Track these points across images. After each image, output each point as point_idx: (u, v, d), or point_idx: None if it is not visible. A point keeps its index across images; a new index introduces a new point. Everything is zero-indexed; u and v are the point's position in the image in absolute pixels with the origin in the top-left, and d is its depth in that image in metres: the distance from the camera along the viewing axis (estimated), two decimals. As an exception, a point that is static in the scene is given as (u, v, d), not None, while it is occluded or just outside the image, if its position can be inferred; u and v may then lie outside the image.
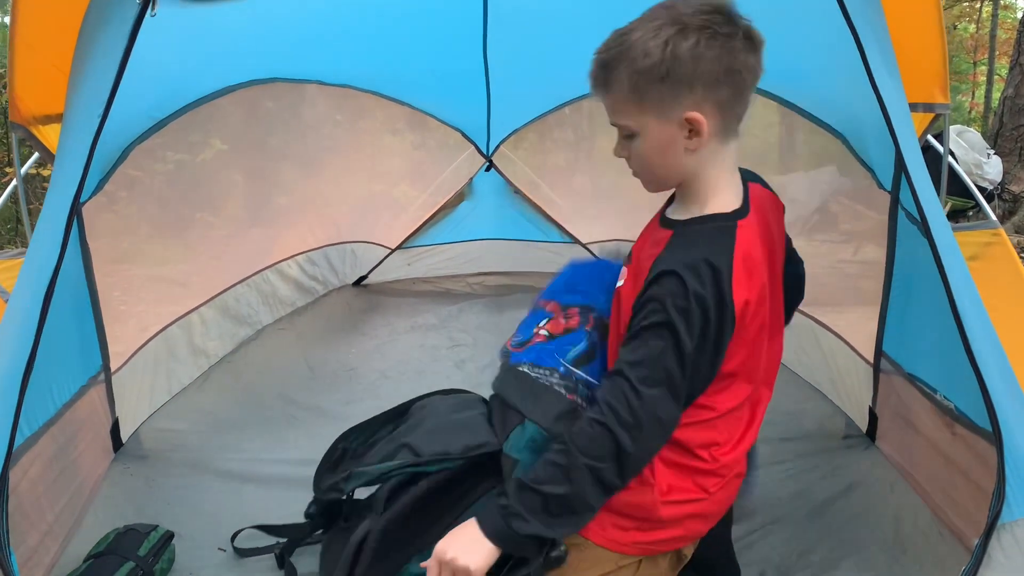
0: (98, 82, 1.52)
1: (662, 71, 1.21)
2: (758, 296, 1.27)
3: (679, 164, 1.30)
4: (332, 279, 3.94)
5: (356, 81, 3.55)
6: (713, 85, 1.22)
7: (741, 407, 1.39)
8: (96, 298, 2.18)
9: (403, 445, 1.50)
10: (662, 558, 1.47)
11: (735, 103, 1.26)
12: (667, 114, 1.25)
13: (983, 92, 12.08)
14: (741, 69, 1.23)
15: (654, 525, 1.38)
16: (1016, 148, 5.85)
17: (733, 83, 1.24)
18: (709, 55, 1.20)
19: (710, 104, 1.24)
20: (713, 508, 1.43)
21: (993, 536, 1.32)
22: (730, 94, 1.24)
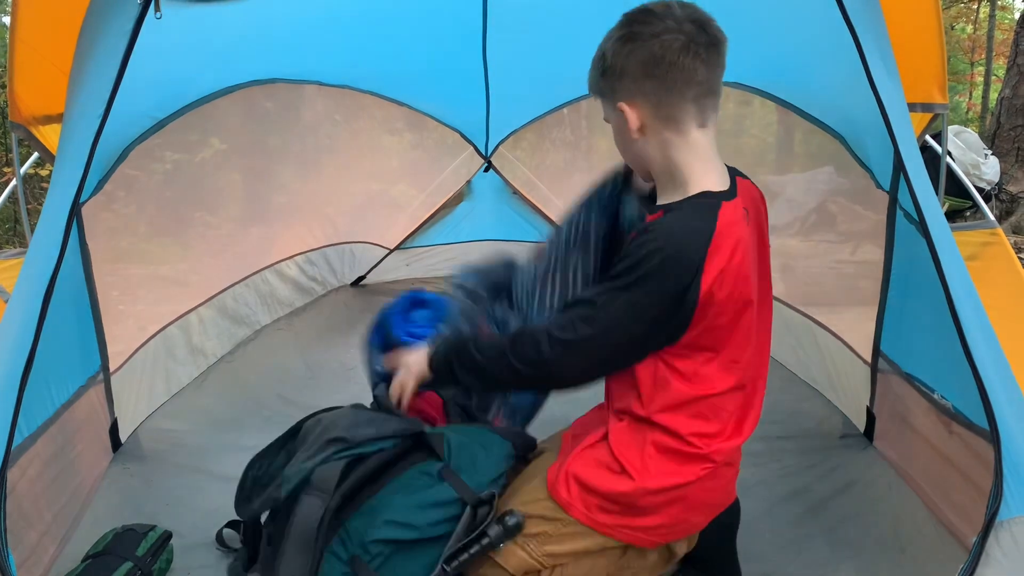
0: (99, 82, 1.52)
1: (602, 67, 1.41)
2: (736, 271, 1.31)
3: (636, 150, 1.43)
4: (331, 279, 3.94)
5: (355, 81, 3.56)
6: (637, 77, 1.35)
7: (732, 395, 1.41)
8: (95, 298, 2.18)
9: (331, 440, 1.53)
10: (650, 551, 1.48)
11: (667, 96, 1.35)
12: (611, 105, 1.42)
13: (980, 93, 12.10)
14: (666, 65, 1.33)
15: (638, 512, 1.41)
16: (1013, 148, 5.87)
17: (658, 77, 1.34)
18: (632, 49, 1.35)
19: (638, 95, 1.37)
20: (701, 497, 1.44)
21: (991, 534, 1.33)
22: (656, 87, 1.35)
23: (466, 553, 1.44)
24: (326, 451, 1.51)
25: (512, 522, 1.45)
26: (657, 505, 1.41)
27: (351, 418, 1.63)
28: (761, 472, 2.20)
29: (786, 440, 2.39)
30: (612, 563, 1.49)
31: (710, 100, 1.38)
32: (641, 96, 1.36)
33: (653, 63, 1.33)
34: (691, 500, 1.43)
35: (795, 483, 2.16)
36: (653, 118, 1.37)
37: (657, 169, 1.43)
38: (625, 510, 1.42)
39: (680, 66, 1.32)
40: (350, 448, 1.51)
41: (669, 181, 1.42)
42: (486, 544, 1.44)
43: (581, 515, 1.44)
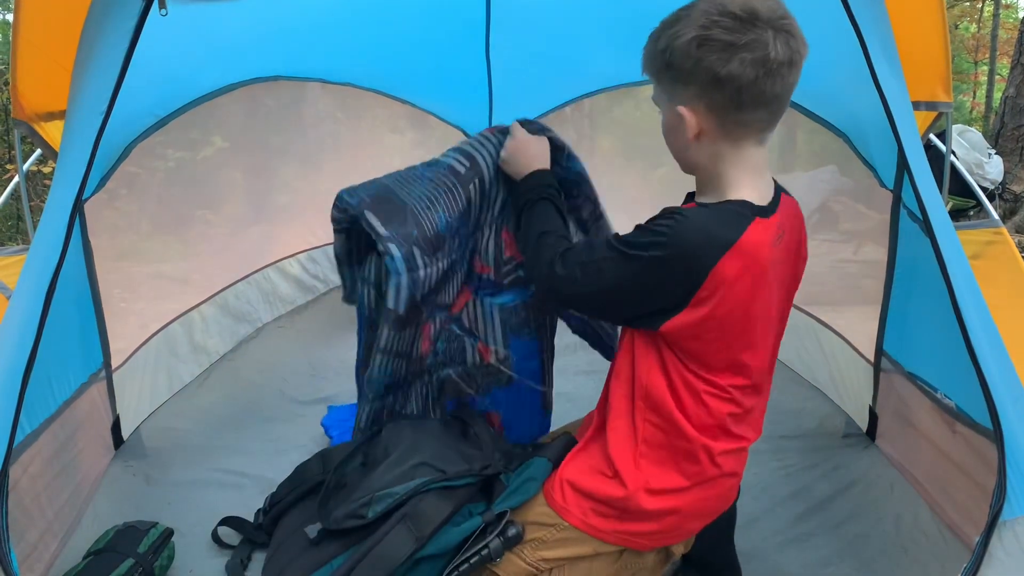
0: (101, 79, 1.52)
1: (667, 59, 1.28)
2: (741, 293, 1.28)
3: (686, 152, 1.37)
4: (333, 277, 3.93)
5: (357, 79, 3.55)
6: (706, 87, 1.26)
7: (732, 406, 1.39)
8: (97, 295, 2.18)
9: (419, 465, 1.60)
10: (647, 553, 1.48)
11: (732, 111, 1.27)
12: (671, 101, 1.33)
13: (984, 92, 12.08)
14: (734, 80, 1.23)
15: (633, 516, 1.40)
16: (1017, 148, 5.85)
17: (726, 91, 1.25)
18: (701, 57, 1.23)
19: (703, 104, 1.28)
20: (696, 506, 1.43)
21: (994, 534, 1.32)
22: (724, 100, 1.26)
23: (466, 564, 1.46)
24: (416, 477, 1.57)
25: (512, 533, 1.47)
26: (650, 512, 1.40)
27: (439, 444, 1.69)
28: (763, 471, 2.20)
29: (788, 439, 2.39)
30: (608, 566, 1.49)
31: (776, 118, 1.33)
32: (706, 107, 1.28)
33: (728, 79, 1.23)
34: (687, 509, 1.43)
35: (797, 482, 2.15)
36: (713, 129, 1.30)
37: (701, 173, 1.39)
38: (621, 515, 1.41)
39: (756, 86, 1.25)
40: (445, 481, 1.56)
41: (708, 184, 1.38)
42: (485, 555, 1.47)
43: (576, 520, 1.44)
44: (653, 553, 1.51)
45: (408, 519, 1.50)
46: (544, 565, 1.48)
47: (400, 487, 1.55)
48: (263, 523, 1.87)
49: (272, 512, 1.86)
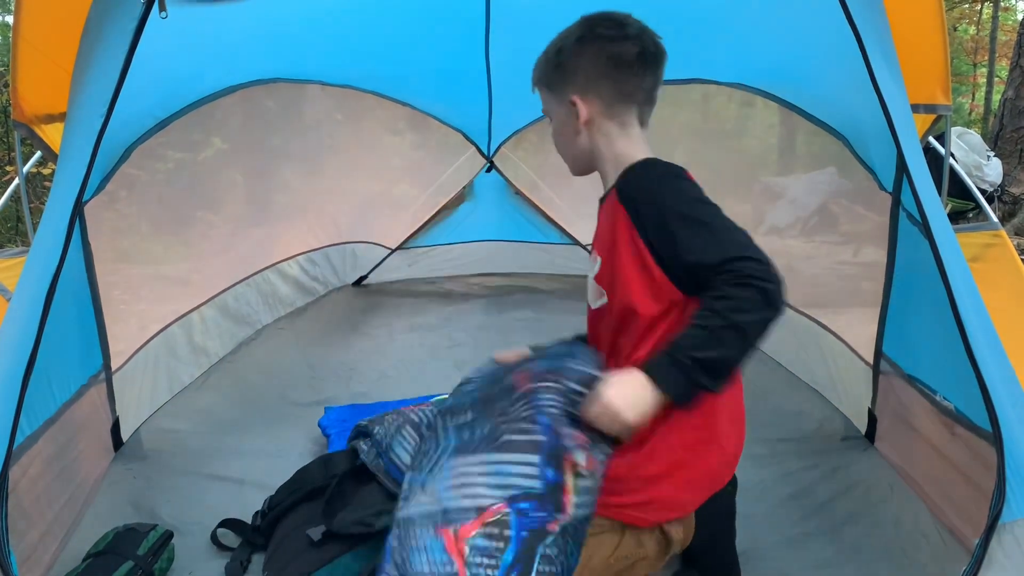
0: (102, 82, 1.52)
1: (557, 59, 1.50)
2: None
3: (577, 142, 1.52)
4: (332, 279, 3.94)
5: (357, 81, 3.56)
6: (592, 77, 1.47)
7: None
8: (97, 297, 2.18)
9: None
10: (647, 536, 1.46)
11: (618, 97, 1.47)
12: (560, 97, 1.51)
13: (983, 94, 12.09)
14: (623, 69, 1.46)
15: (625, 486, 1.39)
16: (1016, 150, 5.85)
17: (612, 79, 1.46)
18: (589, 51, 1.47)
19: (592, 93, 1.47)
20: (688, 475, 1.42)
21: (993, 536, 1.32)
22: (610, 87, 1.47)
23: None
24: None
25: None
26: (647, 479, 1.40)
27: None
28: (762, 473, 2.20)
29: (787, 442, 2.39)
30: (608, 551, 1.47)
31: (648, 107, 1.52)
32: (594, 93, 1.47)
33: (612, 65, 1.45)
34: (681, 476, 1.41)
35: (796, 484, 2.15)
36: (601, 114, 1.47)
37: (602, 159, 1.51)
38: (613, 486, 1.39)
39: (633, 72, 1.46)
40: None
41: (613, 168, 1.49)
42: None
43: None
44: (653, 540, 1.50)
45: None
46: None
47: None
48: (261, 525, 1.87)
49: (270, 515, 1.86)
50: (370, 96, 3.68)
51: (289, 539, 1.73)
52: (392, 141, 4.21)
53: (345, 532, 1.60)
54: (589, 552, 1.45)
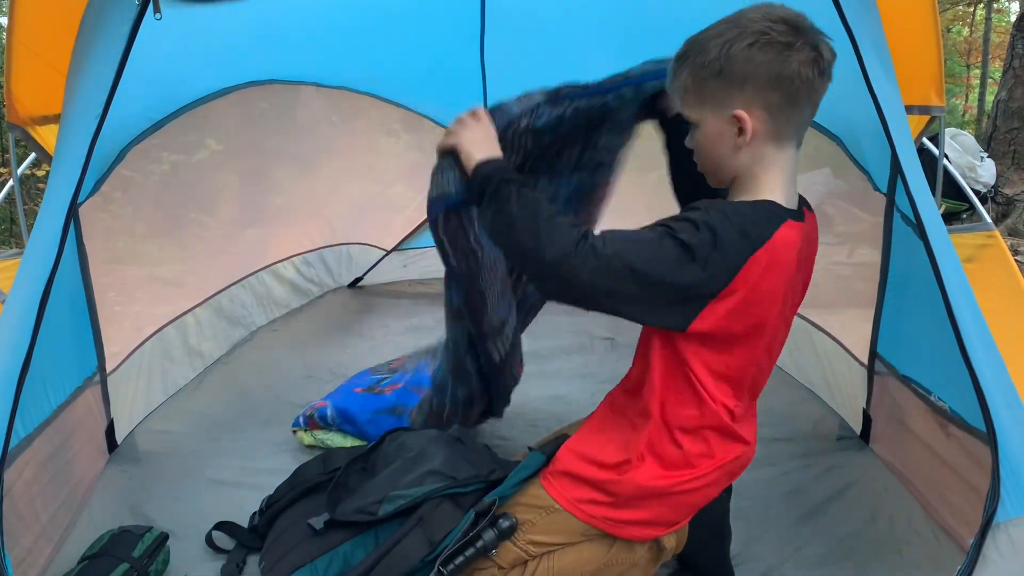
0: (96, 83, 1.52)
1: (716, 68, 1.30)
2: (779, 285, 1.31)
3: (730, 159, 1.36)
4: (327, 280, 3.93)
5: (352, 82, 3.55)
6: (763, 88, 1.28)
7: (727, 411, 1.40)
8: (92, 299, 2.17)
9: (431, 472, 1.67)
10: (639, 545, 1.48)
11: (786, 109, 1.31)
12: (720, 109, 1.32)
13: (977, 96, 12.14)
14: (793, 78, 1.27)
15: (621, 504, 1.42)
16: (1009, 151, 5.87)
17: (784, 89, 1.28)
18: (761, 59, 1.27)
19: (759, 106, 1.30)
20: (687, 500, 1.44)
21: (988, 536, 1.33)
22: (780, 99, 1.30)
23: (462, 556, 1.46)
24: (429, 484, 1.63)
25: (505, 525, 1.48)
26: (641, 500, 1.42)
27: (447, 451, 1.75)
28: (757, 474, 2.20)
29: (782, 442, 2.40)
30: (599, 556, 1.48)
31: (811, 120, 1.39)
32: (762, 107, 1.30)
33: (787, 77, 1.27)
34: (675, 502, 1.43)
35: (791, 485, 2.16)
36: (766, 130, 1.32)
37: (737, 179, 1.38)
38: (610, 501, 1.43)
39: (809, 83, 1.29)
40: (456, 487, 1.61)
41: (741, 189, 1.37)
42: (480, 547, 1.47)
43: (566, 503, 1.46)
44: (645, 547, 1.51)
45: (424, 523, 1.55)
46: (534, 550, 1.48)
47: (413, 490, 1.61)
48: (258, 524, 1.87)
49: (268, 512, 1.86)
50: (365, 97, 3.68)
51: (288, 532, 1.75)
52: (387, 142, 4.21)
53: (347, 520, 1.63)
54: (577, 556, 1.47)
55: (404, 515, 1.61)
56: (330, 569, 1.61)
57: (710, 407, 1.37)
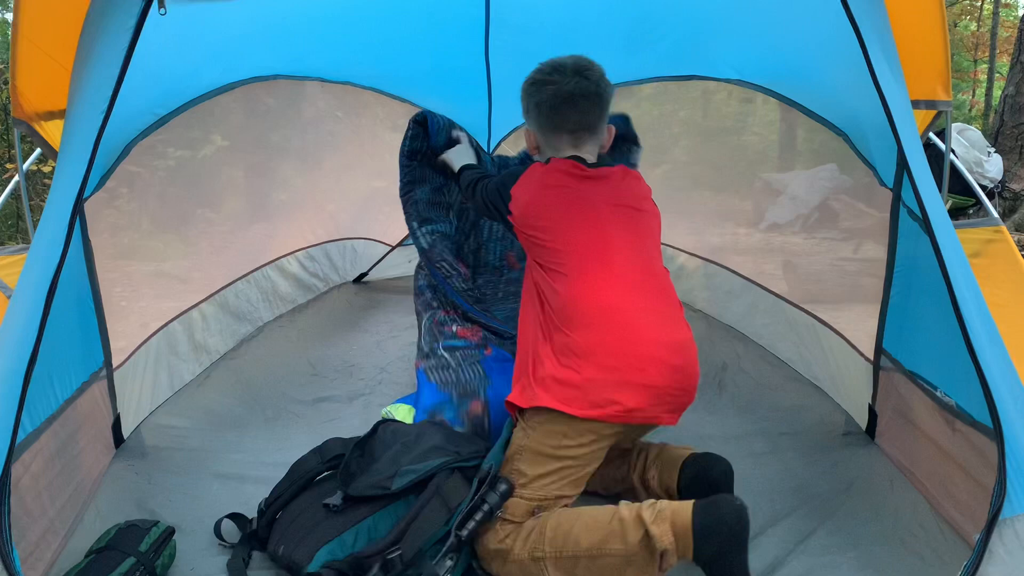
0: (101, 79, 1.52)
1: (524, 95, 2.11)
2: (533, 196, 1.98)
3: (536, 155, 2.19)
4: (332, 276, 3.94)
5: (357, 78, 3.56)
6: (533, 116, 2.09)
7: (582, 307, 1.82)
8: (98, 294, 2.18)
9: (434, 448, 1.85)
10: (584, 444, 1.77)
11: (551, 131, 2.07)
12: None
13: (984, 90, 12.09)
14: (548, 111, 2.04)
15: (555, 382, 1.79)
16: (1016, 146, 5.85)
17: (546, 117, 2.05)
18: (529, 94, 2.08)
19: (534, 127, 2.11)
20: (600, 375, 1.76)
21: (994, 531, 1.33)
22: (544, 123, 2.07)
23: (472, 520, 1.67)
24: (434, 458, 1.80)
25: (503, 488, 1.71)
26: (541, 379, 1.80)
27: (443, 433, 2.00)
28: (763, 469, 2.21)
29: (788, 437, 2.40)
30: (552, 438, 1.76)
31: (586, 135, 2.05)
32: (536, 127, 2.10)
33: (544, 107, 2.04)
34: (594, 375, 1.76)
35: (797, 480, 2.16)
36: (542, 142, 2.11)
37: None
38: (544, 383, 1.79)
39: (559, 112, 2.02)
40: (460, 461, 1.81)
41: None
42: (487, 510, 1.68)
43: (524, 402, 1.82)
44: (588, 433, 1.76)
45: (441, 492, 1.69)
46: (530, 493, 1.75)
47: (422, 465, 1.76)
48: (257, 528, 1.87)
49: (269, 512, 1.86)
50: (369, 93, 3.68)
51: (304, 515, 1.78)
52: (392, 138, 4.20)
53: (362, 495, 1.73)
54: (540, 446, 1.78)
55: (416, 488, 1.75)
56: (357, 542, 1.68)
57: (555, 296, 1.90)
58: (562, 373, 1.77)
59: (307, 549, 1.67)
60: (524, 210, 1.98)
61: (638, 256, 1.93)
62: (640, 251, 1.95)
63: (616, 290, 1.85)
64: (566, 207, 1.94)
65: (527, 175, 2.03)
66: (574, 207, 1.94)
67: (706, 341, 3.21)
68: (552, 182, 1.98)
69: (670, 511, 1.59)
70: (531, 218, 1.96)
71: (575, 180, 1.99)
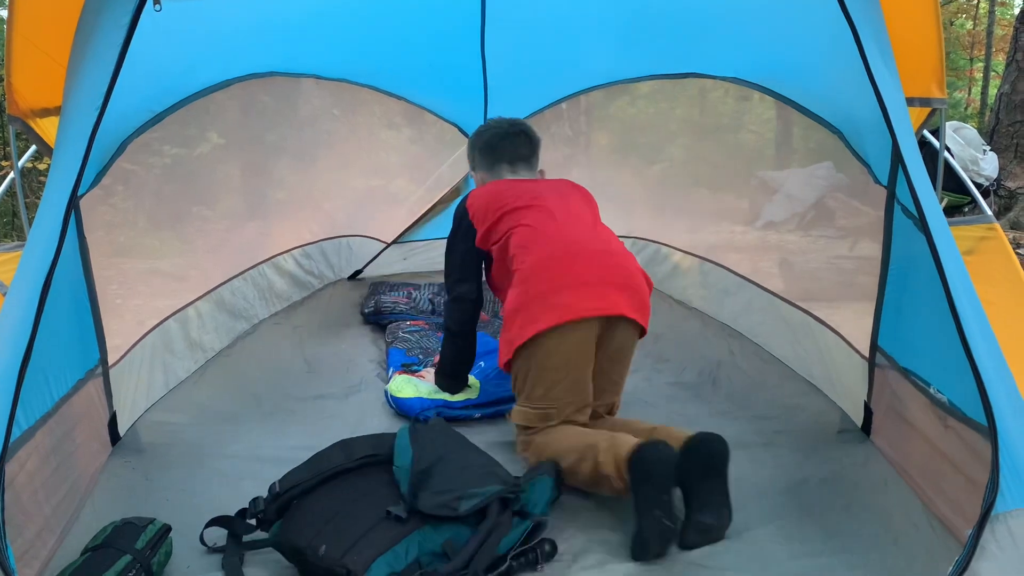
0: (96, 76, 1.52)
1: (468, 152, 2.74)
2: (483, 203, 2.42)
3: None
4: (328, 273, 3.94)
5: (353, 75, 3.55)
6: (477, 156, 2.68)
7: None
8: (93, 291, 2.18)
9: (491, 474, 1.93)
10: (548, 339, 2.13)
11: (490, 163, 2.63)
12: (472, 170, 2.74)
13: (980, 89, 12.11)
14: (488, 148, 2.63)
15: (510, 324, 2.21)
16: (1012, 144, 5.87)
17: (486, 153, 2.64)
18: (473, 142, 2.69)
19: (480, 166, 2.67)
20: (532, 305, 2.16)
21: (987, 527, 1.33)
22: (485, 158, 2.64)
23: (524, 557, 1.76)
24: (491, 484, 1.84)
25: (548, 548, 1.80)
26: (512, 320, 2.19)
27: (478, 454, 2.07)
28: (757, 466, 2.21)
29: (783, 434, 2.40)
30: (534, 360, 2.14)
31: (521, 163, 2.62)
32: (480, 165, 2.66)
33: (484, 147, 2.64)
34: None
35: (791, 477, 2.16)
36: (485, 173, 2.64)
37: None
38: (508, 329, 2.21)
39: (496, 148, 2.62)
40: (508, 491, 1.84)
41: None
42: (532, 558, 1.76)
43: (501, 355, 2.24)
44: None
45: (497, 528, 1.76)
46: (523, 393, 2.21)
47: (481, 490, 1.80)
48: (265, 510, 1.86)
49: (288, 493, 1.86)
50: (365, 90, 3.68)
51: (348, 517, 1.78)
52: (388, 135, 4.22)
53: (431, 513, 1.75)
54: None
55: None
56: (408, 554, 1.70)
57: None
58: (514, 303, 2.18)
59: (361, 557, 1.67)
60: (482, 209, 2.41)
61: (578, 218, 2.37)
62: (578, 215, 2.39)
63: (553, 230, 2.28)
64: (512, 191, 2.44)
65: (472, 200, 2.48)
66: (518, 189, 2.45)
67: (701, 338, 3.21)
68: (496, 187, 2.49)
69: (619, 445, 1.92)
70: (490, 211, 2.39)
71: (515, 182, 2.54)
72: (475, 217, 2.41)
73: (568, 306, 2.12)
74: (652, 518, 1.78)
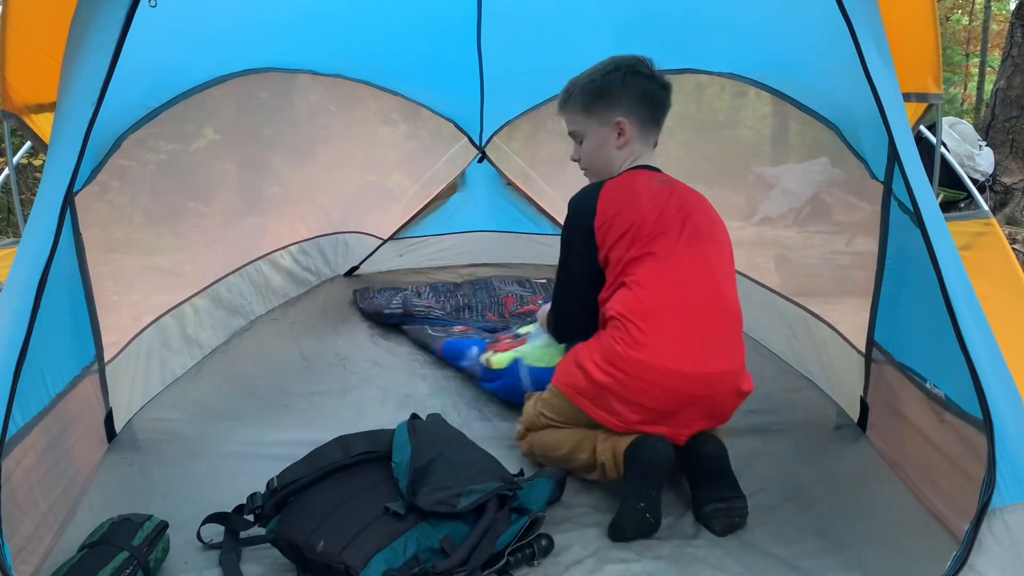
0: (91, 71, 1.51)
1: (597, 89, 2.03)
2: (615, 212, 1.95)
3: (607, 154, 2.08)
4: (324, 269, 3.93)
5: (349, 71, 3.54)
6: (635, 105, 2.03)
7: (634, 314, 1.90)
8: (89, 288, 2.17)
9: (486, 472, 1.90)
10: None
11: (649, 121, 2.06)
12: (601, 120, 2.05)
13: (976, 84, 12.12)
14: (653, 98, 2.04)
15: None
16: (1008, 140, 5.88)
17: (650, 108, 2.05)
18: (633, 83, 2.02)
19: (632, 116, 2.02)
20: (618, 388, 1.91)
21: (984, 522, 1.33)
22: (648, 113, 2.05)
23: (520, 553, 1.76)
24: (488, 480, 1.83)
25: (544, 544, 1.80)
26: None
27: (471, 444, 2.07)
28: (754, 462, 2.21)
29: (779, 430, 2.40)
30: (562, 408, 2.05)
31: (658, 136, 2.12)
32: (634, 116, 2.03)
33: (651, 97, 2.04)
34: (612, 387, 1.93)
35: (788, 473, 2.17)
36: (636, 134, 2.05)
37: (605, 170, 2.09)
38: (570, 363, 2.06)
39: (664, 104, 2.07)
40: (506, 488, 1.83)
41: (602, 175, 2.09)
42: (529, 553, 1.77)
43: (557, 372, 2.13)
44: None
45: (495, 526, 1.75)
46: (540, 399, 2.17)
47: (480, 487, 1.79)
48: (263, 506, 1.86)
49: (287, 489, 1.86)
50: (361, 86, 3.67)
51: (346, 512, 1.78)
52: (384, 131, 4.21)
53: (430, 510, 1.74)
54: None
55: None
56: (407, 550, 1.70)
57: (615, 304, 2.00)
58: (606, 369, 1.92)
59: (359, 553, 1.66)
60: (609, 220, 1.98)
61: (706, 287, 2.02)
62: (707, 277, 2.02)
63: (671, 313, 1.94)
64: (649, 198, 1.99)
65: (605, 194, 2.00)
66: (657, 197, 2.00)
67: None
68: (633, 186, 2.03)
69: (618, 437, 1.93)
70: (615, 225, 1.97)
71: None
72: (600, 229, 1.97)
73: (627, 422, 1.93)
74: (635, 509, 1.83)
